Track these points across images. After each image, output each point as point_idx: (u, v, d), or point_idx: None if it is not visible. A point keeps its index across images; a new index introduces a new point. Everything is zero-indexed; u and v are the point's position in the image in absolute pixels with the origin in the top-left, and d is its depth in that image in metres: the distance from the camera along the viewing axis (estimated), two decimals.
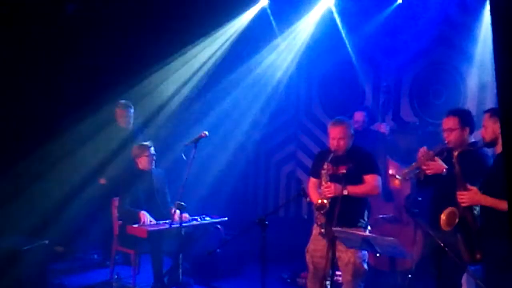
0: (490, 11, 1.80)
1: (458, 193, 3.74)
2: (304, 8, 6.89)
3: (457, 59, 6.06)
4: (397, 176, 4.24)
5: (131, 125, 6.51)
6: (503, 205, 3.43)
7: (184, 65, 7.28)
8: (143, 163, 5.64)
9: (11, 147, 6.23)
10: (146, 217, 5.34)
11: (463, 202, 3.72)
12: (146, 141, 5.81)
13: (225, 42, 7.28)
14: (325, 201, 4.25)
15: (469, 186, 3.74)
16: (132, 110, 6.48)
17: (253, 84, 7.41)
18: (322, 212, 4.25)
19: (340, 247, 4.20)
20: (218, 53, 7.32)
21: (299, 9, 6.94)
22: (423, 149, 4.14)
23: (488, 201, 3.61)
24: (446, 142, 4.09)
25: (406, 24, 6.26)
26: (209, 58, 7.33)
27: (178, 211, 4.94)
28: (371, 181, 4.40)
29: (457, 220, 3.70)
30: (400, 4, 6.28)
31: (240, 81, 7.45)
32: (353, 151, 4.45)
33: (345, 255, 4.30)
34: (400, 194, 5.62)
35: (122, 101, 6.49)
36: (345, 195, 4.26)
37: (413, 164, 4.20)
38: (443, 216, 3.77)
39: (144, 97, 7.01)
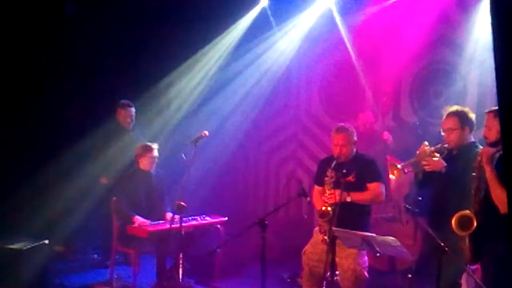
0: (490, 11, 1.80)
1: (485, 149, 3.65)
2: (304, 7, 6.89)
3: (457, 59, 6.05)
4: (398, 166, 4.23)
5: (132, 125, 6.51)
6: (499, 189, 3.42)
7: (189, 68, 7.29)
8: (144, 163, 5.64)
9: (11, 147, 6.23)
10: (139, 221, 5.34)
11: (482, 157, 3.60)
12: (145, 141, 5.81)
13: (228, 45, 7.30)
14: (328, 208, 4.24)
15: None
16: (133, 110, 6.48)
17: (253, 84, 7.41)
18: (325, 219, 4.24)
19: (340, 253, 4.19)
20: (221, 56, 7.33)
21: (299, 8, 6.94)
22: (423, 145, 4.15)
23: (495, 183, 3.50)
24: (446, 142, 4.10)
25: (406, 24, 6.26)
26: (213, 61, 7.34)
27: (175, 216, 4.92)
28: (375, 188, 4.41)
29: (475, 225, 3.60)
30: (400, 3, 6.28)
31: (240, 80, 7.46)
32: (356, 158, 4.46)
33: (345, 261, 4.30)
34: (399, 194, 5.62)
35: (123, 100, 6.49)
36: (349, 202, 4.26)
37: (413, 158, 4.20)
38: (454, 220, 3.71)
39: (145, 98, 7.00)
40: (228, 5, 6.77)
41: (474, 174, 3.69)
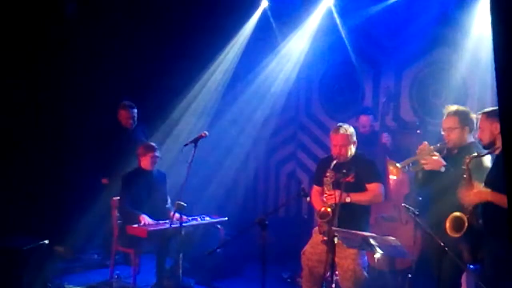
0: (490, 11, 1.80)
1: (466, 193, 3.71)
2: (303, 8, 6.90)
3: (457, 58, 6.04)
4: (398, 165, 4.23)
5: (134, 125, 6.51)
6: (501, 198, 3.42)
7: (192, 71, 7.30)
8: (145, 162, 5.64)
9: (12, 146, 6.23)
10: (145, 219, 5.34)
11: (471, 200, 3.68)
12: (147, 141, 5.81)
13: (235, 51, 7.35)
14: (328, 209, 4.23)
15: (475, 184, 3.70)
16: (135, 111, 6.48)
17: (253, 84, 7.42)
18: (325, 220, 4.23)
19: (339, 253, 4.18)
20: (229, 62, 7.40)
21: (299, 9, 6.94)
22: (423, 144, 4.15)
23: (496, 196, 3.55)
24: (446, 141, 4.10)
25: (406, 24, 6.26)
26: (220, 67, 7.41)
27: (177, 214, 4.92)
28: (374, 189, 4.42)
29: (466, 226, 3.64)
30: (400, 3, 6.28)
31: (241, 81, 7.46)
32: (356, 158, 4.45)
33: (344, 261, 4.30)
34: (399, 193, 5.62)
35: (126, 101, 6.49)
36: (348, 203, 4.26)
37: (413, 157, 4.20)
38: (447, 223, 3.73)
39: (147, 99, 7.00)
40: (231, 10, 6.80)
41: (465, 176, 3.70)
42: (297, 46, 7.18)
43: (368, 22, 6.60)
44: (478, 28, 5.67)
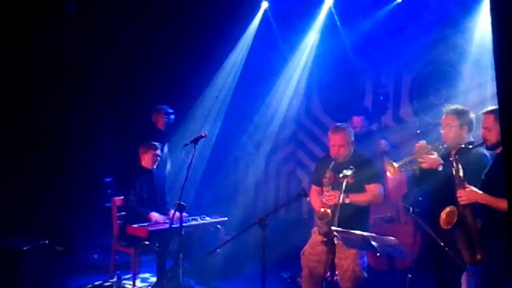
0: (490, 11, 1.80)
1: (457, 191, 3.73)
2: (304, 8, 6.90)
3: (457, 58, 6.05)
4: (395, 164, 4.23)
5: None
6: (501, 203, 3.42)
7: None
8: (146, 160, 5.66)
9: (13, 147, 6.23)
10: (156, 217, 5.36)
11: (462, 200, 3.71)
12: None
13: (240, 55, 7.41)
14: (328, 210, 4.22)
15: (466, 185, 3.73)
16: (173, 117, 6.65)
17: (254, 85, 7.42)
18: (324, 221, 4.22)
19: (339, 254, 4.16)
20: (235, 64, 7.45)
21: (299, 10, 6.95)
22: (421, 142, 4.15)
23: (486, 199, 3.59)
24: (444, 139, 4.09)
25: (406, 24, 6.26)
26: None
27: (177, 213, 4.93)
28: (374, 189, 4.41)
29: (455, 219, 3.69)
30: (400, 3, 6.29)
31: (240, 81, 7.46)
32: (354, 158, 4.44)
33: (344, 261, 4.29)
34: (397, 194, 5.62)
35: (164, 106, 6.65)
36: (347, 203, 4.25)
37: (410, 156, 4.20)
38: (443, 215, 3.77)
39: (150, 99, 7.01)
40: (233, 14, 6.80)
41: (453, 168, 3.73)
42: (298, 46, 7.19)
43: (368, 23, 6.60)
44: (478, 28, 5.68)
